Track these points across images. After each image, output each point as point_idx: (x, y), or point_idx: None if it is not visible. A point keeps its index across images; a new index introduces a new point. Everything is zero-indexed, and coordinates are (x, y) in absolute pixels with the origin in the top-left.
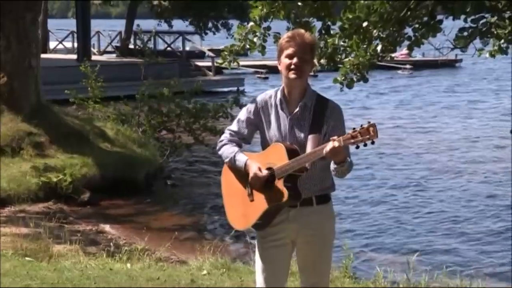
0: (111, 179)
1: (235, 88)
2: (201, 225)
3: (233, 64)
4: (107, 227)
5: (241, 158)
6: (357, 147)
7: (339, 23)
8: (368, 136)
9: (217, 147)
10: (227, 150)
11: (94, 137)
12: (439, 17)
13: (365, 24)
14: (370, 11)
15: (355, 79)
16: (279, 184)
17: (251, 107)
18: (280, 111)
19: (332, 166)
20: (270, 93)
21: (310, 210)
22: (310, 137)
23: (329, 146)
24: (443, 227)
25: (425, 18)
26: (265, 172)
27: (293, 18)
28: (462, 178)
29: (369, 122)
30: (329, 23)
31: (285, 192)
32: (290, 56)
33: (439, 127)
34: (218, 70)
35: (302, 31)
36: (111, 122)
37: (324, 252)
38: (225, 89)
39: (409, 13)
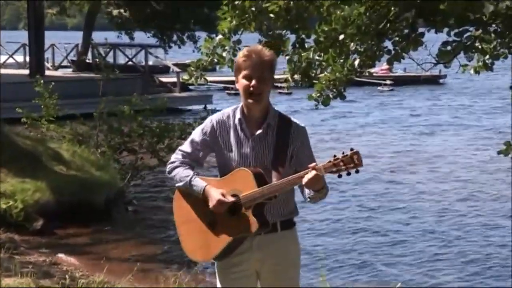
0: (66, 205)
1: (202, 106)
2: (166, 255)
3: (200, 80)
4: (62, 258)
5: (199, 183)
6: (340, 176)
7: (314, 36)
8: (352, 165)
9: (168, 169)
10: (181, 173)
11: (48, 160)
12: (420, 29)
13: (341, 37)
14: (347, 23)
15: (331, 96)
16: (248, 213)
17: (206, 127)
18: (239, 132)
19: (308, 193)
20: (227, 112)
21: (275, 236)
22: (275, 160)
23: (309, 175)
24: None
25: (406, 31)
26: (230, 198)
27: (265, 30)
28: (442, 198)
29: (352, 150)
30: (303, 36)
31: (255, 223)
32: (247, 77)
33: (418, 147)
34: (184, 86)
35: (259, 47)
36: (67, 143)
37: (292, 280)
38: (192, 107)
39: (388, 25)
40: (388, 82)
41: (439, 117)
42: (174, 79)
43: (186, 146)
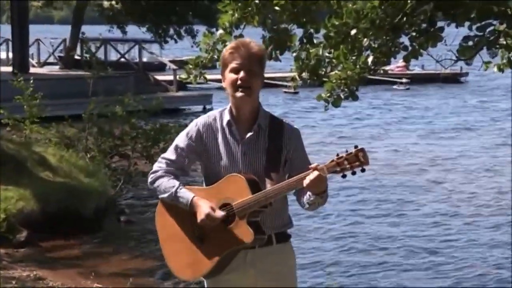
0: (53, 215)
1: (201, 107)
2: (161, 270)
3: (199, 78)
4: (48, 273)
5: (186, 195)
6: (344, 176)
7: (323, 31)
8: (357, 163)
9: (150, 179)
10: (165, 184)
11: (32, 165)
12: (439, 24)
13: (353, 31)
14: (359, 16)
15: (342, 96)
16: (241, 223)
17: (192, 131)
18: (228, 136)
19: (307, 198)
20: (213, 114)
21: (270, 250)
22: (268, 166)
23: (311, 176)
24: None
25: (424, 25)
26: (220, 213)
27: (270, 25)
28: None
29: (356, 147)
30: (311, 30)
31: (250, 233)
32: (235, 70)
33: (433, 150)
34: (182, 85)
35: (248, 40)
36: (53, 147)
37: None
38: (190, 107)
39: (405, 19)
40: (404, 80)
41: (459, 118)
42: (171, 77)
43: (169, 153)
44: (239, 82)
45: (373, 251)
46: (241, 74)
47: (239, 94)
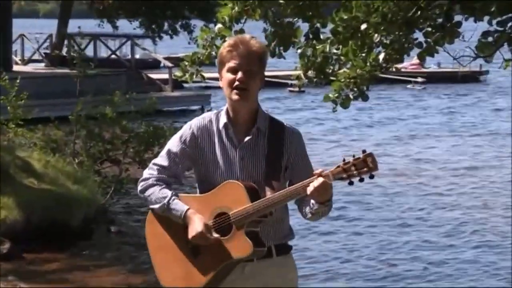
0: (38, 225)
1: (199, 107)
2: (155, 284)
3: (196, 77)
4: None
5: (179, 207)
6: (351, 183)
7: (331, 26)
8: (365, 169)
9: (140, 187)
10: (156, 193)
11: (16, 171)
12: (457, 18)
13: (363, 26)
14: (370, 10)
15: (351, 96)
16: (239, 234)
17: (185, 135)
18: (225, 139)
19: (311, 208)
20: (209, 116)
21: (269, 263)
22: (268, 172)
23: (316, 183)
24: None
25: (440, 20)
26: (215, 236)
27: (272, 18)
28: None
29: (364, 152)
30: (318, 25)
31: (249, 245)
32: (233, 70)
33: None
34: (177, 84)
35: (247, 37)
36: (39, 151)
37: None
38: (187, 108)
39: (419, 13)
40: (419, 79)
41: (478, 121)
42: (166, 76)
43: (161, 159)
44: (236, 83)
45: (378, 262)
46: (239, 75)
47: (235, 96)
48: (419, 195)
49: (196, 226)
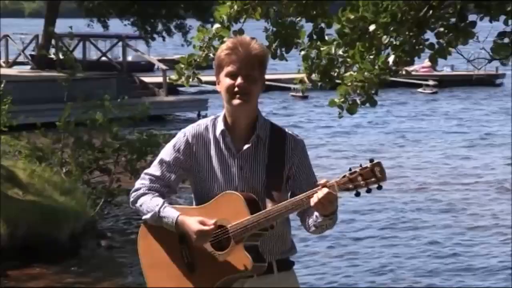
0: (23, 239)
1: (195, 113)
2: None
3: (192, 80)
4: None
5: (171, 213)
6: (357, 195)
7: (336, 26)
8: (373, 179)
9: (132, 198)
10: (148, 203)
11: None
12: (471, 17)
13: (372, 27)
14: (378, 9)
15: (358, 102)
16: (238, 248)
17: (179, 143)
18: (222, 148)
19: (314, 220)
20: (205, 123)
21: (270, 280)
22: (269, 183)
23: (320, 194)
24: None
25: (453, 20)
26: (211, 222)
27: (274, 18)
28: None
29: (371, 161)
30: (323, 25)
31: (249, 260)
32: (232, 75)
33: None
34: (172, 88)
35: (247, 39)
36: (24, 160)
37: None
38: (182, 114)
39: (431, 12)
40: (431, 82)
41: (494, 127)
42: (160, 79)
43: (153, 169)
44: (236, 89)
45: (381, 276)
46: (239, 80)
47: (236, 101)
48: (427, 208)
49: (191, 226)
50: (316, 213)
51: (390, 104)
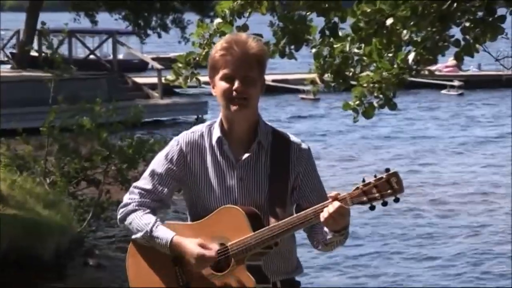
0: (2, 257)
1: (193, 117)
2: None
3: (190, 81)
4: None
5: (164, 234)
6: (372, 208)
7: (351, 20)
8: (389, 191)
9: (120, 215)
10: (138, 220)
11: None
12: (500, 11)
13: (390, 21)
14: (397, 2)
15: (376, 104)
16: (239, 269)
17: (172, 152)
18: (219, 157)
19: (323, 237)
20: (199, 130)
21: None
22: (272, 195)
23: (330, 209)
24: None
25: (480, 13)
26: (214, 247)
27: (281, 11)
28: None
29: (387, 170)
30: (336, 19)
31: (251, 280)
32: (228, 78)
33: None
34: (168, 90)
35: (243, 36)
36: (3, 170)
37: None
38: (179, 118)
39: (455, 5)
40: (456, 83)
41: None
42: (154, 80)
43: (144, 182)
44: (233, 93)
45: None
46: (236, 84)
47: (234, 107)
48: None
49: (190, 249)
50: (325, 229)
51: (411, 107)
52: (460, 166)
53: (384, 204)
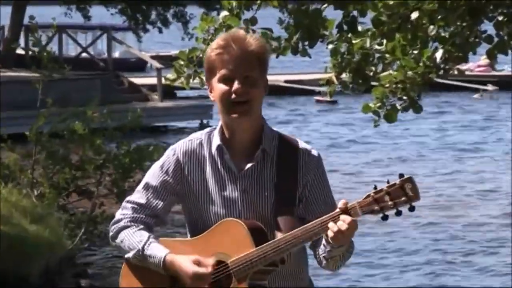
0: None
1: (197, 122)
2: None
3: (193, 81)
4: None
5: (157, 252)
6: (385, 218)
7: (371, 14)
8: (403, 198)
9: (111, 232)
10: (130, 238)
11: None
12: None
13: (415, 15)
14: None
15: (399, 107)
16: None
17: (168, 163)
18: (220, 167)
19: (324, 250)
20: (198, 138)
21: None
22: (279, 208)
23: (341, 225)
24: None
25: None
26: (210, 263)
27: (293, 4)
28: None
29: (401, 176)
30: (355, 13)
31: None
32: (226, 80)
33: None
34: (169, 91)
35: (241, 33)
36: None
37: None
38: (181, 123)
39: None
40: (490, 87)
41: None
42: (154, 81)
43: (137, 195)
44: (233, 96)
45: None
46: (236, 85)
47: (234, 115)
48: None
49: (185, 267)
50: (323, 241)
51: (438, 110)
52: (482, 169)
53: (398, 213)
